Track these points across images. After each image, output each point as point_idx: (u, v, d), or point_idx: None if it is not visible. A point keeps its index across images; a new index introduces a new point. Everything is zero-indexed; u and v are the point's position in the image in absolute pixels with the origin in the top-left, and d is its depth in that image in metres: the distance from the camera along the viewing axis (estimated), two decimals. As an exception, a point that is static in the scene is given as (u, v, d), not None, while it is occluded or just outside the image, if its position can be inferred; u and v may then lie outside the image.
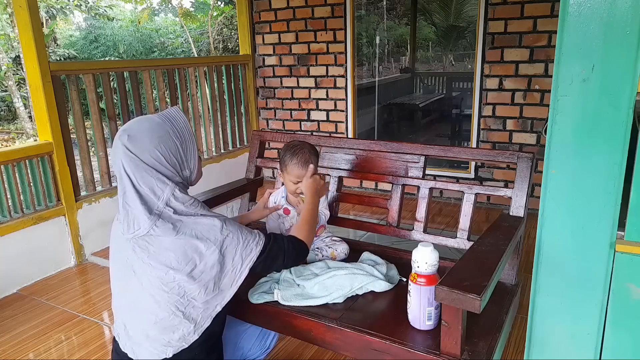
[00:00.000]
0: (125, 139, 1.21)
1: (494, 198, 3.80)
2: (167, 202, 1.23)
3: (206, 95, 4.15)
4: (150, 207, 1.21)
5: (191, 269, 1.22)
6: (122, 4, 15.64)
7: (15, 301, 2.63)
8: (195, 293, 1.23)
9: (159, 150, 1.22)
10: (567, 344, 1.28)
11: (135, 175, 1.21)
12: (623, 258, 1.17)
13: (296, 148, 1.73)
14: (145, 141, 1.21)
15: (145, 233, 1.21)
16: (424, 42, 7.27)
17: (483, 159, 1.84)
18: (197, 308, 1.25)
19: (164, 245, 1.22)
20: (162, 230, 1.21)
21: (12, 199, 2.75)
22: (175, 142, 1.25)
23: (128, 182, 1.21)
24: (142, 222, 1.21)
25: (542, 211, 1.24)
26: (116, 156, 1.23)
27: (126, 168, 1.21)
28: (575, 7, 1.07)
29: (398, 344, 1.31)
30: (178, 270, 1.21)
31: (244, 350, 1.62)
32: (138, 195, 1.21)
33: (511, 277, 1.67)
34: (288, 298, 1.51)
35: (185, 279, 1.21)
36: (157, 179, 1.22)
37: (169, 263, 1.21)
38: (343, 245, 1.81)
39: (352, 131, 4.33)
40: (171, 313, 1.23)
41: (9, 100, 12.32)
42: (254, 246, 1.31)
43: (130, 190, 1.21)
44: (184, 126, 1.29)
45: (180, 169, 1.28)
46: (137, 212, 1.21)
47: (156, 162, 1.22)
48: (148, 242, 1.22)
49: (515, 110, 3.62)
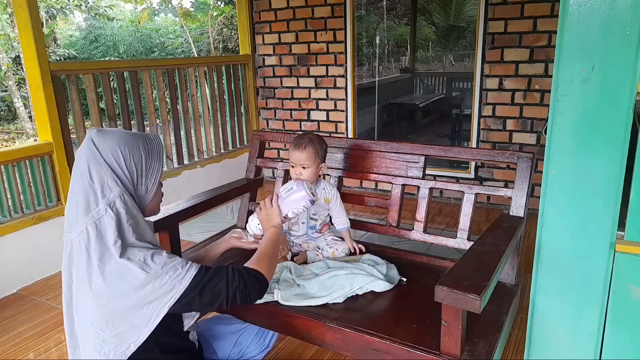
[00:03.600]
0: (94, 132, 1.18)
1: (494, 198, 3.80)
2: (110, 204, 1.14)
3: (206, 95, 4.15)
4: (88, 207, 1.13)
5: (99, 294, 1.11)
6: (122, 4, 15.64)
7: (15, 301, 2.63)
8: (103, 323, 1.12)
9: (121, 151, 1.17)
10: (567, 344, 1.28)
11: (90, 169, 1.15)
12: (623, 258, 1.17)
13: (301, 134, 1.82)
14: (112, 139, 1.18)
15: (77, 236, 1.13)
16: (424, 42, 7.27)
17: (483, 159, 1.85)
18: (107, 342, 1.13)
19: (84, 258, 1.13)
20: (89, 238, 1.12)
21: (12, 199, 2.75)
22: (140, 153, 1.20)
23: (77, 175, 1.15)
24: (76, 222, 1.14)
25: (542, 211, 1.24)
26: (80, 149, 1.18)
27: (82, 160, 1.16)
28: (575, 7, 1.07)
29: (398, 344, 1.31)
30: (88, 291, 1.12)
31: (242, 347, 1.62)
32: (83, 191, 1.14)
33: (511, 277, 1.67)
34: (288, 298, 1.51)
35: (93, 302, 1.12)
36: (110, 178, 1.15)
37: (82, 280, 1.13)
38: (344, 245, 1.82)
39: (352, 131, 4.33)
40: (89, 342, 1.15)
41: (9, 100, 12.33)
42: (177, 282, 1.13)
43: (77, 183, 1.15)
44: (156, 147, 1.24)
45: (137, 182, 1.21)
46: (76, 209, 1.14)
47: (115, 162, 1.16)
48: (74, 247, 1.14)
49: (515, 110, 3.62)
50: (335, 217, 1.87)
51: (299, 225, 1.84)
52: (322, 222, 1.86)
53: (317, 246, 1.82)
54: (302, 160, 1.74)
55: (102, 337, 1.13)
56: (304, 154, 1.73)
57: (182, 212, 1.84)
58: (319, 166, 1.77)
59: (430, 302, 1.22)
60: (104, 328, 1.13)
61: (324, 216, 1.86)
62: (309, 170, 1.75)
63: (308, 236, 1.85)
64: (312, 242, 1.84)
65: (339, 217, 1.86)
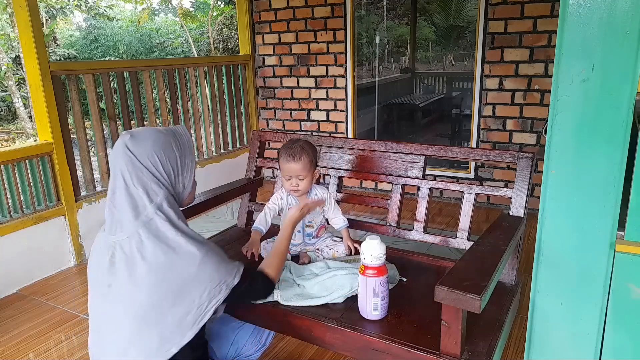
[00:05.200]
0: (127, 138, 1.21)
1: (494, 198, 3.80)
2: (159, 207, 1.19)
3: (206, 95, 4.15)
4: (137, 212, 1.17)
5: (153, 292, 1.15)
6: (122, 4, 15.64)
7: (15, 301, 2.63)
8: (152, 323, 1.14)
9: (157, 155, 1.21)
10: (567, 344, 1.28)
11: (130, 175, 1.18)
12: (623, 258, 1.17)
13: (290, 143, 1.73)
14: (147, 144, 1.21)
15: (126, 237, 1.17)
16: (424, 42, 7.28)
17: (483, 159, 1.85)
18: (151, 342, 1.15)
19: (138, 258, 1.16)
20: (142, 242, 1.16)
21: (12, 199, 2.75)
22: (174, 152, 1.25)
23: (121, 182, 1.19)
24: (126, 226, 1.17)
25: (542, 211, 1.24)
26: (115, 155, 1.22)
27: (122, 168, 1.19)
28: (575, 7, 1.07)
29: (398, 344, 1.31)
30: (142, 291, 1.15)
31: (239, 346, 1.62)
32: (129, 196, 1.18)
33: (511, 277, 1.67)
34: (288, 298, 1.51)
35: (145, 302, 1.15)
36: (152, 181, 1.20)
37: (135, 281, 1.15)
38: (343, 246, 1.81)
39: (352, 131, 4.33)
40: (128, 341, 1.16)
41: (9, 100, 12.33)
42: (224, 287, 1.23)
43: (120, 191, 1.18)
44: (187, 142, 1.30)
45: (175, 181, 1.26)
46: (124, 215, 1.17)
47: (153, 166, 1.21)
48: (123, 250, 1.17)
49: (515, 110, 3.62)
50: (332, 218, 1.86)
51: (295, 234, 1.81)
52: (318, 227, 1.84)
53: (317, 248, 1.82)
54: (298, 172, 1.66)
55: (148, 336, 1.15)
56: (300, 164, 1.66)
57: (182, 212, 1.83)
58: (313, 174, 1.72)
59: (430, 302, 1.22)
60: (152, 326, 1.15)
61: (319, 220, 1.85)
62: (306, 181, 1.68)
63: (305, 243, 1.84)
64: (310, 247, 1.83)
65: (335, 217, 1.85)
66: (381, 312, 1.41)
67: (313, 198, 1.79)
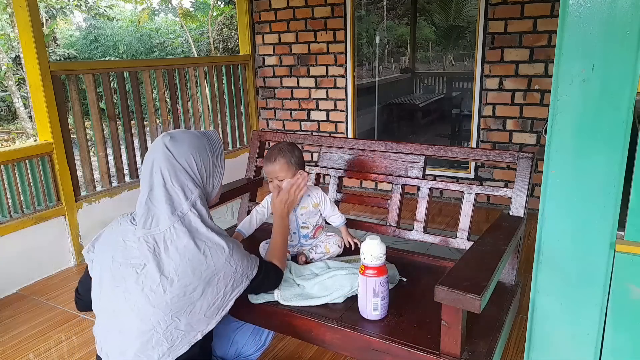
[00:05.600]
0: (167, 139, 1.30)
1: (494, 198, 3.80)
2: (193, 204, 1.27)
3: (206, 95, 4.15)
4: (174, 208, 1.25)
5: (185, 283, 1.21)
6: (122, 4, 15.64)
7: (15, 301, 2.63)
8: (181, 312, 1.21)
9: (194, 157, 1.30)
10: (567, 344, 1.28)
11: (169, 173, 1.27)
12: (623, 258, 1.17)
13: (273, 146, 1.79)
14: (184, 145, 1.30)
15: (162, 231, 1.23)
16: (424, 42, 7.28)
17: (483, 159, 1.85)
18: (178, 330, 1.22)
19: (172, 250, 1.22)
20: (177, 234, 1.23)
21: (12, 199, 2.75)
22: (208, 156, 1.35)
23: (159, 180, 1.26)
24: (162, 220, 1.24)
25: (542, 211, 1.24)
26: (154, 154, 1.29)
27: (162, 166, 1.27)
28: (575, 7, 1.07)
29: (398, 344, 1.31)
30: (173, 281, 1.20)
31: (239, 345, 1.62)
32: (166, 194, 1.25)
33: (511, 277, 1.67)
34: (288, 298, 1.51)
35: (176, 292, 1.20)
36: (189, 181, 1.29)
37: (168, 271, 1.20)
38: (335, 237, 1.82)
39: (352, 131, 4.33)
40: (151, 328, 1.20)
41: (9, 100, 12.33)
42: (245, 279, 1.33)
43: (159, 188, 1.26)
44: (219, 146, 1.40)
45: (207, 182, 1.35)
46: (160, 210, 1.25)
47: (189, 166, 1.29)
48: (157, 241, 1.22)
49: (515, 110, 3.62)
50: (329, 217, 1.86)
51: (290, 235, 1.83)
52: (314, 227, 1.84)
53: (311, 248, 1.82)
54: (276, 173, 1.72)
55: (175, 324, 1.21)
56: (276, 166, 1.71)
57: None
58: (295, 175, 1.74)
59: (430, 302, 1.22)
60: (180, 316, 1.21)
61: (315, 221, 1.84)
62: (286, 182, 1.72)
63: (302, 244, 1.84)
64: (307, 247, 1.84)
65: (332, 215, 1.86)
66: (381, 312, 1.42)
67: (307, 199, 1.80)
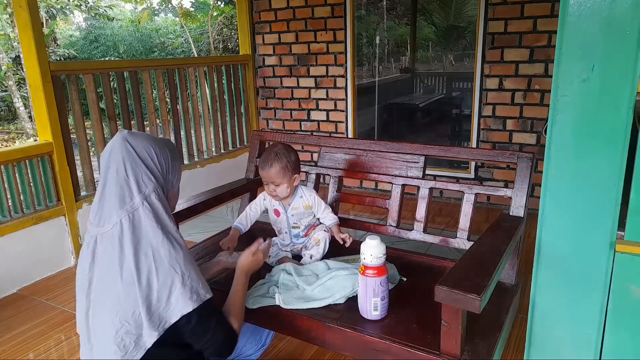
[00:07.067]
0: (125, 132, 1.27)
1: (494, 198, 3.79)
2: (146, 197, 1.20)
3: (206, 95, 4.15)
4: (124, 201, 1.18)
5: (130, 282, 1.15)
6: (122, 4, 15.64)
7: (15, 301, 2.63)
8: (129, 313, 1.15)
9: (153, 148, 1.27)
10: (567, 344, 1.28)
11: (125, 166, 1.21)
12: (623, 258, 1.17)
13: (269, 148, 1.77)
14: (143, 138, 1.28)
15: (109, 229, 1.17)
16: (424, 42, 7.27)
17: (483, 159, 1.85)
18: (130, 334, 1.15)
19: (118, 249, 1.16)
20: (124, 231, 1.17)
21: (12, 199, 2.75)
22: (167, 152, 1.31)
23: (113, 174, 1.21)
24: (111, 216, 1.18)
25: (542, 211, 1.24)
26: (111, 148, 1.24)
27: (118, 159, 1.22)
28: (575, 7, 1.07)
29: (398, 344, 1.31)
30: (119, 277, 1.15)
31: (239, 346, 1.62)
32: (118, 186, 1.20)
33: (511, 277, 1.67)
34: (289, 301, 1.50)
35: (122, 289, 1.15)
36: (144, 173, 1.23)
37: (118, 271, 1.15)
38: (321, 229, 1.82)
39: (352, 131, 4.33)
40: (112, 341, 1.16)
41: (9, 100, 12.32)
42: (189, 301, 1.17)
43: (112, 181, 1.20)
44: (176, 150, 1.37)
45: (166, 174, 1.30)
46: (111, 204, 1.19)
47: (148, 157, 1.25)
48: (104, 242, 1.18)
49: (515, 110, 3.62)
50: (322, 217, 1.86)
51: (283, 234, 1.85)
52: (305, 227, 1.84)
53: (303, 246, 1.83)
54: (272, 178, 1.71)
55: (126, 328, 1.15)
56: (272, 171, 1.69)
57: (182, 212, 1.84)
58: (291, 179, 1.73)
59: (430, 302, 1.22)
60: (129, 319, 1.15)
61: (307, 222, 1.84)
62: (282, 187, 1.72)
63: (294, 243, 1.85)
64: (299, 245, 1.84)
65: (325, 216, 1.86)
66: (381, 312, 1.42)
67: (299, 200, 1.80)
